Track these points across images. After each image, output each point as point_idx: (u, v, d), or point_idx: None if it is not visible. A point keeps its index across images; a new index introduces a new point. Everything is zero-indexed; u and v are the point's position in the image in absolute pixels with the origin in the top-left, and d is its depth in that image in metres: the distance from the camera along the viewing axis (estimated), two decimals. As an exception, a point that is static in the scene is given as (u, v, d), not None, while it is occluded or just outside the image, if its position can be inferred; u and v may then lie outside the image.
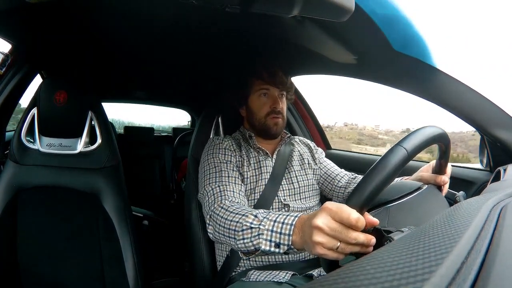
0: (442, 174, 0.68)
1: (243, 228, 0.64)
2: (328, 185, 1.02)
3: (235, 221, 0.66)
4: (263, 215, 0.63)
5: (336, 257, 0.49)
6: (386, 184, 0.47)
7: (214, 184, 0.83)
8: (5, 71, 1.06)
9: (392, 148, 0.49)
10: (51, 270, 0.96)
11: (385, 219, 0.55)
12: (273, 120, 0.96)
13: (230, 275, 0.88)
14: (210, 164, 0.89)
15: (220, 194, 0.80)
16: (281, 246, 0.58)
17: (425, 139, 0.52)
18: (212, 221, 0.74)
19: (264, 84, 0.96)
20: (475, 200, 0.45)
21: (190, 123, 2.96)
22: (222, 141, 0.95)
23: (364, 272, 0.23)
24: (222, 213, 0.72)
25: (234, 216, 0.68)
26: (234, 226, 0.66)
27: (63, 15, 0.87)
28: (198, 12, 0.78)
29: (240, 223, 0.65)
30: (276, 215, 0.61)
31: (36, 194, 0.98)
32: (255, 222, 0.63)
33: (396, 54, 0.73)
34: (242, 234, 0.63)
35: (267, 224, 0.60)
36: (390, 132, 3.81)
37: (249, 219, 0.64)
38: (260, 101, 0.97)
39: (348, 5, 0.52)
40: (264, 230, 0.60)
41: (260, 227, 0.61)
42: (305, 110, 1.57)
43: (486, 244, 0.26)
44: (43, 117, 0.97)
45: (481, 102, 0.79)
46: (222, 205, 0.74)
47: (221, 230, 0.70)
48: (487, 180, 0.88)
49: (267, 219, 0.61)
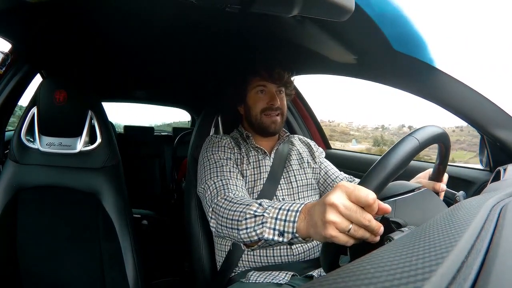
0: (440, 181, 0.67)
1: (246, 217, 0.61)
2: (327, 187, 1.02)
3: (239, 210, 0.64)
4: (268, 203, 0.61)
5: (346, 242, 0.46)
6: (399, 170, 0.48)
7: (216, 178, 0.82)
8: (5, 70, 1.06)
9: (405, 138, 0.51)
10: (51, 270, 0.96)
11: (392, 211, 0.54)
12: (270, 118, 0.95)
13: (230, 275, 0.88)
14: (210, 160, 0.88)
15: (223, 187, 0.78)
16: (285, 234, 0.56)
17: (434, 134, 0.54)
18: (215, 214, 0.71)
19: (261, 80, 0.95)
20: (475, 200, 0.45)
21: (190, 122, 2.96)
22: (221, 139, 0.95)
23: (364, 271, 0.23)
24: (225, 205, 0.69)
25: (238, 206, 0.65)
26: (238, 216, 0.63)
27: (63, 15, 0.87)
28: (198, 12, 0.78)
29: (244, 212, 0.62)
30: (281, 203, 0.59)
31: (36, 193, 0.98)
32: (259, 210, 0.61)
33: (396, 54, 0.73)
34: (246, 223, 0.61)
35: (272, 212, 0.58)
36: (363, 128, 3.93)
37: (253, 207, 0.62)
38: (257, 98, 0.96)
39: (348, 5, 0.53)
40: (268, 218, 0.58)
41: (264, 214, 0.59)
42: (305, 110, 1.57)
43: (486, 243, 0.26)
44: (43, 117, 0.97)
45: (481, 102, 0.79)
46: (225, 197, 0.72)
47: (224, 222, 0.67)
48: (487, 180, 0.88)
49: (272, 207, 0.59)
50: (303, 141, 1.11)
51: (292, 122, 1.56)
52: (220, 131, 1.13)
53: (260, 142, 0.99)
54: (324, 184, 1.03)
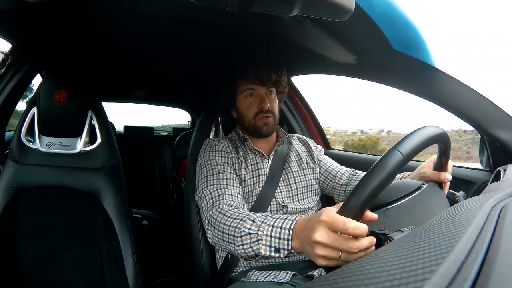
0: (444, 171, 0.66)
1: (241, 234, 0.63)
2: (329, 183, 1.01)
3: (233, 226, 0.66)
4: (260, 219, 0.63)
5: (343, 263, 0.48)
6: (381, 188, 0.47)
7: (211, 187, 0.82)
8: (5, 70, 1.06)
9: (388, 152, 0.49)
10: (51, 269, 0.96)
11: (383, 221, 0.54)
12: (263, 120, 0.93)
13: (230, 275, 0.87)
14: (207, 166, 0.88)
15: (218, 198, 0.79)
16: (281, 251, 0.58)
17: (421, 141, 0.50)
18: (211, 226, 0.73)
19: (249, 83, 0.93)
20: (475, 200, 0.45)
21: (190, 122, 2.96)
22: (218, 143, 0.93)
23: (364, 272, 0.23)
24: (220, 218, 0.71)
25: (232, 221, 0.67)
26: (233, 231, 0.65)
27: (63, 15, 0.87)
28: (198, 12, 0.78)
29: (239, 229, 0.64)
30: (273, 219, 0.61)
31: (36, 193, 0.98)
32: (253, 227, 0.62)
33: (396, 54, 0.73)
34: (241, 240, 0.63)
35: (265, 230, 0.60)
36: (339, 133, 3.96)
37: (247, 224, 0.63)
38: (247, 102, 0.95)
39: (348, 5, 0.52)
40: (263, 235, 0.60)
41: (258, 232, 0.60)
42: (304, 110, 1.57)
43: (486, 243, 0.26)
44: (43, 117, 0.97)
45: (481, 102, 0.79)
46: (220, 210, 0.73)
47: (220, 235, 0.69)
48: (487, 180, 0.87)
49: (265, 223, 0.61)
50: (302, 140, 1.09)
51: (292, 122, 1.56)
52: (221, 131, 1.13)
53: (258, 144, 0.97)
54: (325, 181, 1.02)
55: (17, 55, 1.06)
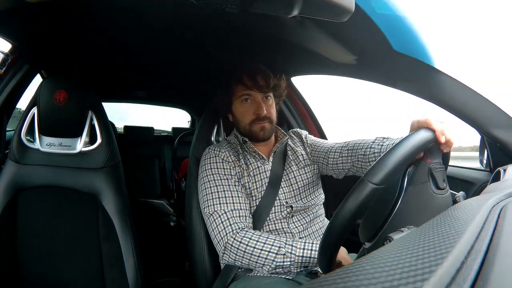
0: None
1: (272, 265, 0.77)
2: (323, 162, 0.97)
3: (266, 251, 0.77)
4: (289, 245, 0.77)
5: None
6: (350, 224, 0.45)
7: (221, 205, 0.83)
8: (5, 70, 1.06)
9: (359, 182, 0.46)
10: (51, 269, 0.96)
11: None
12: (259, 126, 0.92)
13: (235, 272, 0.88)
14: (211, 180, 0.87)
15: (229, 222, 0.81)
16: (308, 267, 0.77)
17: (393, 165, 0.46)
18: (230, 252, 0.79)
19: (245, 89, 0.92)
20: (475, 200, 0.45)
21: (190, 123, 2.95)
22: (219, 152, 0.92)
23: (364, 272, 0.23)
24: (242, 247, 0.78)
25: (260, 252, 0.77)
26: (264, 259, 0.76)
27: (63, 15, 0.87)
28: (198, 12, 0.78)
29: (271, 254, 0.76)
30: (302, 242, 0.78)
31: (36, 193, 0.98)
32: (286, 260, 0.76)
33: (396, 54, 0.73)
34: (274, 263, 0.76)
35: (296, 258, 0.76)
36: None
37: (280, 252, 0.76)
38: (243, 108, 0.94)
39: (348, 5, 0.53)
40: (294, 262, 0.76)
41: (291, 256, 0.76)
42: (304, 110, 1.57)
43: (486, 244, 0.26)
44: (43, 117, 0.97)
45: (481, 102, 0.79)
46: (238, 238, 0.79)
47: (245, 261, 0.78)
48: (487, 180, 0.88)
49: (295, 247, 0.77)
50: (297, 134, 1.06)
51: (291, 121, 1.56)
52: (221, 131, 1.13)
53: (257, 146, 0.97)
54: (323, 162, 0.97)
55: (17, 55, 1.06)
